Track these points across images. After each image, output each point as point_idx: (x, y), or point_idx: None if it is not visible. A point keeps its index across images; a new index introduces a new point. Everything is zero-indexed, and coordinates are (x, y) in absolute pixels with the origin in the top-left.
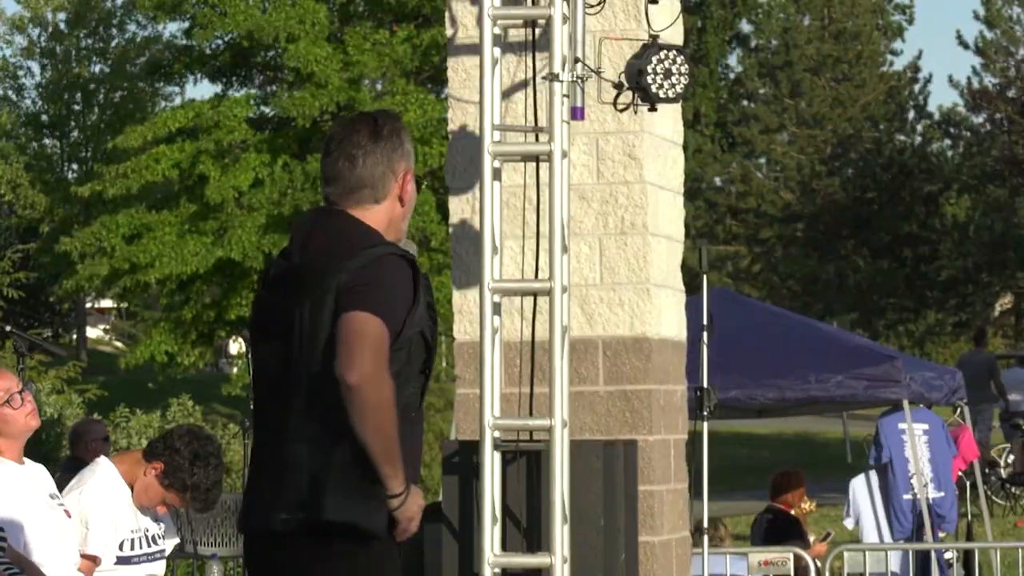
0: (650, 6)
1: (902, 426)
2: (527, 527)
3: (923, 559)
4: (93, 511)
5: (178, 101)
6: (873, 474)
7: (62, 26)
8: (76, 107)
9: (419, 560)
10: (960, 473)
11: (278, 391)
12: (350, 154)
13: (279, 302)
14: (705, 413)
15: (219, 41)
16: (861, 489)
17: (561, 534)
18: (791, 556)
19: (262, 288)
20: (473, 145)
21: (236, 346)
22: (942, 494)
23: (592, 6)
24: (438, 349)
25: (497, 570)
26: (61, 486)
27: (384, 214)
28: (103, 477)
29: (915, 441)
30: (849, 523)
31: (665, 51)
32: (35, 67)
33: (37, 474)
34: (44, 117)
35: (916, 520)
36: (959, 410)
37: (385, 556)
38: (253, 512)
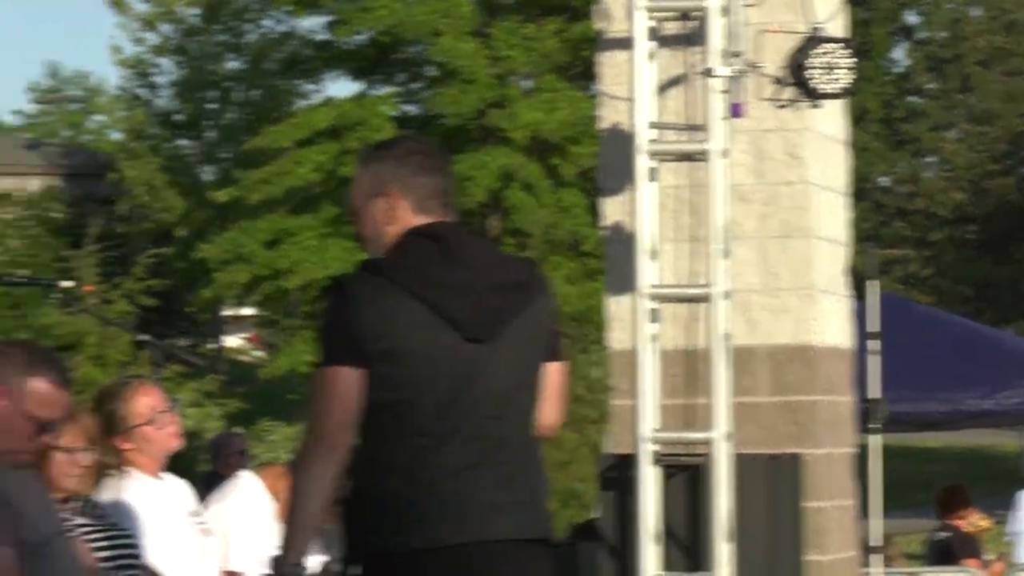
0: None
1: None
2: (688, 545)
3: None
4: (236, 526)
5: (317, 99)
6: None
7: (195, 22)
8: (211, 106)
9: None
10: None
11: None
12: (450, 173)
13: None
14: (874, 425)
15: (360, 37)
16: None
17: (725, 552)
18: None
19: None
20: (626, 144)
21: None
22: None
23: None
24: (592, 357)
25: None
26: (200, 500)
27: None
28: (246, 492)
29: None
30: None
31: (828, 44)
32: (168, 65)
33: (177, 490)
34: (178, 117)
35: None
36: None
37: None
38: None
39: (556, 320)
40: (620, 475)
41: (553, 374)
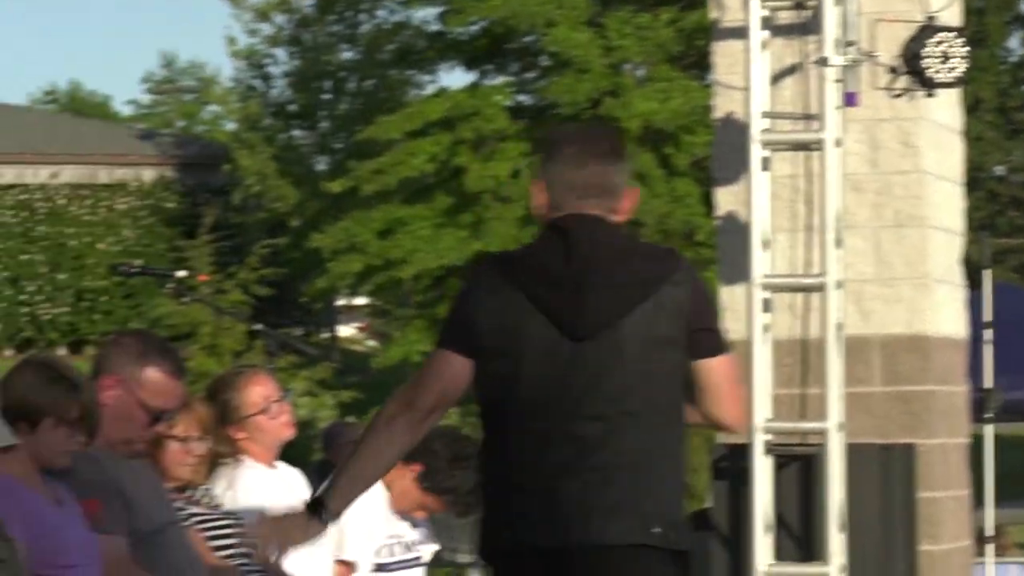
0: None
1: None
2: (801, 535)
3: None
4: (349, 516)
5: (430, 89)
6: None
7: (309, 12)
8: (325, 96)
9: (686, 569)
10: None
11: None
12: (607, 162)
13: None
14: (988, 416)
15: (474, 27)
16: None
17: (838, 542)
18: None
19: None
20: (740, 134)
21: None
22: None
23: None
24: None
25: None
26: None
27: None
28: None
29: None
30: None
31: (943, 33)
32: (282, 55)
33: (291, 479)
34: (292, 107)
35: None
36: None
37: None
38: None
39: (700, 314)
40: (732, 465)
41: (714, 371)
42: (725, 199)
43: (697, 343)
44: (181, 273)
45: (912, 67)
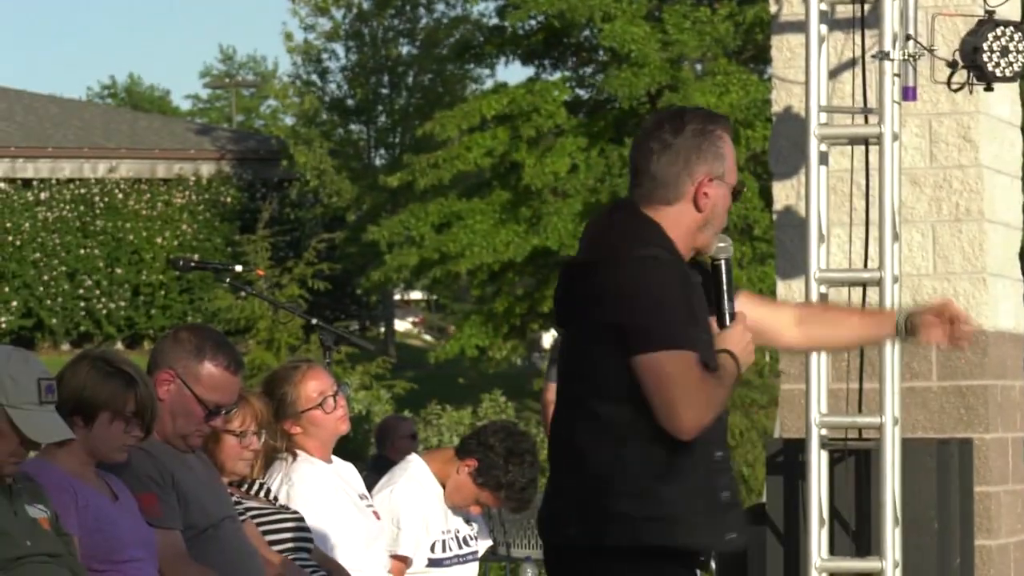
0: None
1: None
2: (856, 530)
3: None
4: (405, 510)
5: (489, 84)
6: None
7: (367, 6)
8: (383, 91)
9: (743, 564)
10: None
11: None
12: (649, 148)
13: None
14: None
15: (532, 21)
16: None
17: (892, 537)
18: None
19: None
20: (798, 128)
21: (550, 339)
22: None
23: None
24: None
25: (825, 575)
26: (368, 485)
27: (675, 217)
28: (415, 475)
29: None
30: None
31: (1002, 27)
32: (340, 50)
33: (346, 473)
34: (350, 102)
35: None
36: None
37: None
38: None
39: (616, 305)
40: (788, 459)
41: (637, 372)
42: (783, 193)
43: (613, 336)
44: (238, 268)
45: (971, 61)
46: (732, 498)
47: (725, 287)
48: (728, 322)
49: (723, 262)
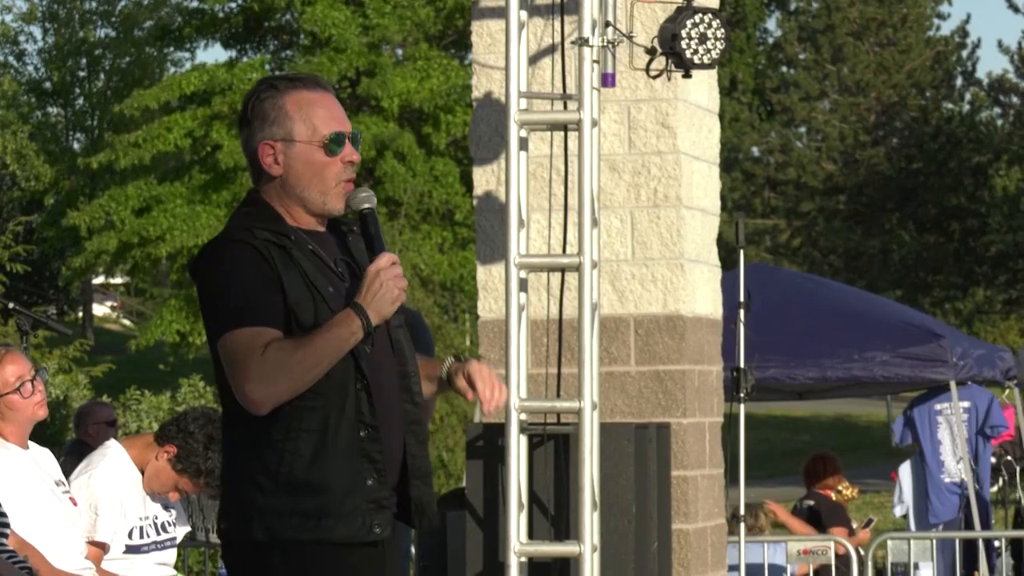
0: None
1: (938, 407)
2: (555, 514)
3: (967, 546)
4: (103, 496)
5: (188, 67)
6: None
7: None
8: (81, 73)
9: (442, 547)
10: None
11: None
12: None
13: None
14: (742, 395)
15: (232, 5)
16: (908, 475)
17: (591, 521)
18: (832, 544)
19: None
20: (498, 113)
21: None
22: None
23: None
24: (463, 327)
25: (523, 559)
26: (66, 470)
27: (270, 191)
28: (113, 461)
29: (959, 423)
30: (899, 511)
31: (700, 14)
32: (37, 32)
33: (42, 459)
34: (47, 84)
35: (961, 505)
36: (1007, 391)
37: None
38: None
39: (200, 297)
40: (488, 444)
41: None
42: (483, 178)
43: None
44: None
45: (669, 48)
46: (378, 483)
47: (373, 235)
48: None
49: (368, 213)
